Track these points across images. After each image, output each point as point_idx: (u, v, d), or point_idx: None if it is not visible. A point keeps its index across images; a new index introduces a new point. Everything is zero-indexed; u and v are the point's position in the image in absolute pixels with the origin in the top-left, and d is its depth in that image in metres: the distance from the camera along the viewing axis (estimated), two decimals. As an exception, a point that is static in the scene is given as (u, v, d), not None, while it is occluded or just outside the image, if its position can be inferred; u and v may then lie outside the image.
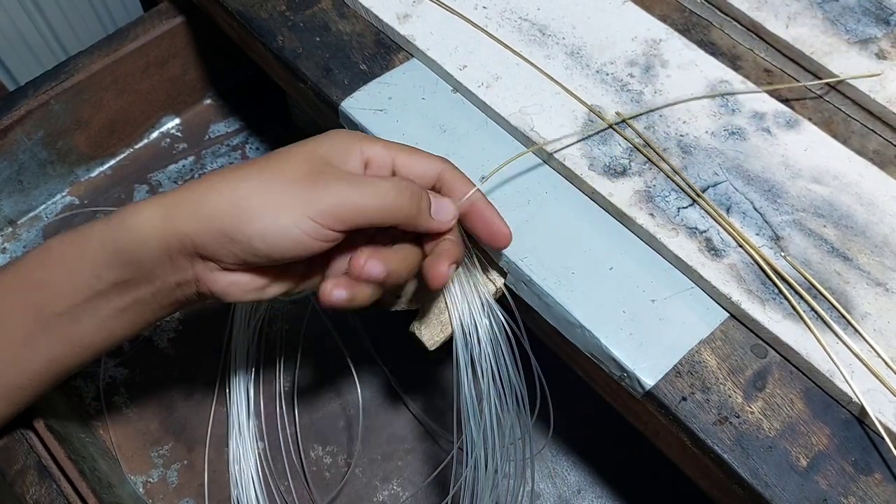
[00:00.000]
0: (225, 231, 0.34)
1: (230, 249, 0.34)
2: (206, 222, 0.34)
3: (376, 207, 0.35)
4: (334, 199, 0.34)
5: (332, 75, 0.48)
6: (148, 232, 0.35)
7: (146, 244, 0.35)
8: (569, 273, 0.40)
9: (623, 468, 0.57)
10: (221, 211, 0.34)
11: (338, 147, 0.37)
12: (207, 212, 0.34)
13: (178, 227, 0.34)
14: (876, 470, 0.35)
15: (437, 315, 0.41)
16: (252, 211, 0.34)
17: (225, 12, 0.52)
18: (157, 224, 0.35)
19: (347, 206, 0.34)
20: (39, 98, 0.60)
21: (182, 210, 0.35)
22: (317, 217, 0.34)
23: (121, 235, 0.35)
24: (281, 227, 0.34)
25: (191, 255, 0.35)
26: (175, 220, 0.34)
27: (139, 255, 0.35)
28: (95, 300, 0.36)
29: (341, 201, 0.34)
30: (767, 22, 0.49)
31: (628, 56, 0.48)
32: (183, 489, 0.55)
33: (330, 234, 0.35)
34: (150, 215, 0.35)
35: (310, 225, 0.34)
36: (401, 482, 0.56)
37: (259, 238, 0.34)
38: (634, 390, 0.38)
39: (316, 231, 0.34)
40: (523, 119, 0.45)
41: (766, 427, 0.36)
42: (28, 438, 0.43)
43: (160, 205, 0.35)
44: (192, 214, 0.34)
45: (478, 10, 0.50)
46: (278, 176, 0.35)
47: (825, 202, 0.42)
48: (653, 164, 0.43)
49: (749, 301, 0.38)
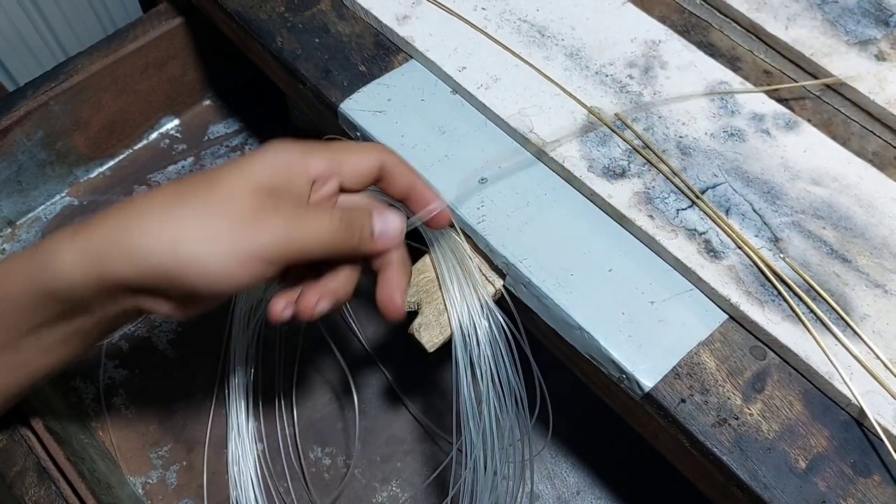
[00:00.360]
0: (165, 276, 0.32)
1: (167, 286, 0.33)
2: (143, 267, 0.32)
3: (320, 244, 0.34)
4: (279, 239, 0.33)
5: (331, 77, 0.48)
6: (77, 277, 0.33)
7: (79, 287, 0.33)
8: (568, 275, 0.40)
9: (622, 470, 0.57)
10: (159, 255, 0.32)
11: (281, 172, 0.35)
12: (143, 256, 0.32)
13: (112, 272, 0.32)
14: (875, 472, 0.35)
15: (437, 316, 0.41)
16: (193, 257, 0.32)
17: (224, 13, 0.52)
18: (87, 269, 0.32)
19: (290, 245, 0.33)
20: (39, 99, 0.60)
21: (112, 253, 0.32)
22: (261, 257, 0.33)
23: (46, 278, 0.33)
24: (224, 270, 0.32)
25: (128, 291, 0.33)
26: (106, 266, 0.32)
27: (72, 295, 0.33)
28: (35, 333, 0.35)
29: (284, 241, 0.33)
30: (767, 23, 0.49)
31: (627, 57, 0.48)
32: (182, 490, 0.55)
33: (273, 269, 0.34)
34: (75, 260, 0.33)
35: (254, 265, 0.33)
36: (400, 483, 0.56)
37: (203, 284, 0.32)
38: (633, 392, 0.38)
39: (260, 270, 0.33)
40: (522, 120, 0.45)
41: (765, 429, 0.36)
42: (27, 440, 0.43)
43: (84, 246, 0.33)
44: (126, 260, 0.32)
45: (477, 12, 0.50)
46: (220, 212, 0.33)
47: (824, 204, 0.42)
48: (652, 166, 0.43)
49: (748, 303, 0.38)
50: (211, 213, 0.33)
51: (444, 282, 0.42)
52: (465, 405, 0.41)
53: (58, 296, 0.33)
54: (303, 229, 0.34)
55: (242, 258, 0.32)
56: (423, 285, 0.42)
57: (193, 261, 0.32)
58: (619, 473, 0.57)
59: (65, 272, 0.33)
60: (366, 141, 0.46)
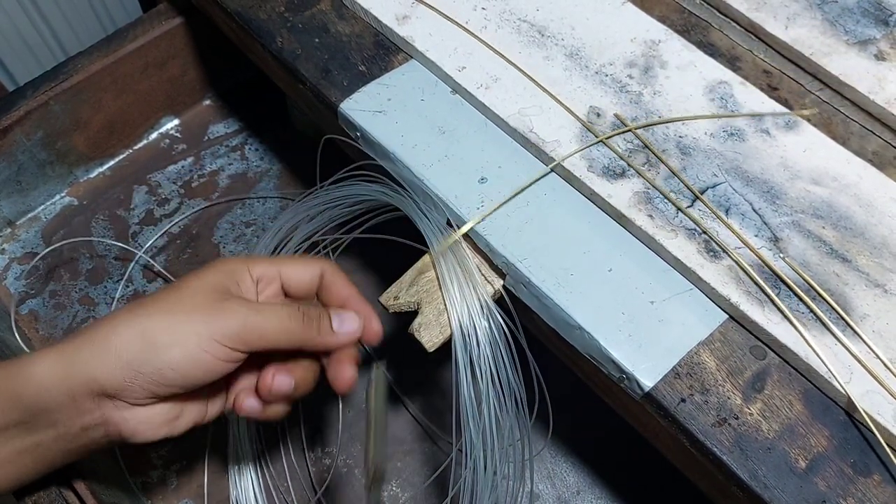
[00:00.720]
0: (133, 364, 0.35)
1: (139, 383, 0.35)
2: (112, 359, 0.35)
3: (277, 330, 0.37)
4: (237, 322, 0.36)
5: (331, 76, 0.48)
6: (48, 380, 0.35)
7: (47, 391, 0.35)
8: (568, 274, 0.40)
9: (622, 469, 0.57)
10: (128, 344, 0.35)
11: (228, 275, 0.39)
12: (114, 348, 0.35)
13: (82, 370, 0.35)
14: (875, 471, 0.36)
15: (437, 316, 0.41)
16: (160, 342, 0.35)
17: (224, 13, 0.52)
18: (59, 371, 0.35)
19: (250, 328, 0.36)
20: (38, 98, 0.60)
21: (85, 353, 0.35)
22: (223, 340, 0.36)
23: (18, 382, 0.35)
24: (190, 354, 0.35)
25: (97, 396, 0.35)
26: (77, 365, 0.35)
27: (39, 400, 0.35)
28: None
29: (244, 324, 0.36)
30: (766, 23, 0.49)
31: (627, 57, 0.48)
32: (182, 490, 0.55)
33: (236, 354, 0.37)
34: (51, 365, 0.35)
35: (217, 348, 0.36)
36: (400, 483, 0.56)
37: (169, 367, 0.35)
38: (633, 392, 0.38)
39: (223, 353, 0.36)
40: (522, 120, 0.45)
41: (764, 428, 0.36)
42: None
43: (60, 353, 0.35)
44: (98, 354, 0.35)
45: (477, 12, 0.50)
46: (181, 308, 0.36)
47: (824, 203, 0.42)
48: (651, 166, 0.43)
49: (748, 302, 0.38)
50: (175, 310, 0.36)
51: (443, 282, 0.42)
52: (465, 405, 0.41)
53: (24, 400, 0.35)
54: (259, 315, 0.37)
55: (204, 343, 0.35)
56: (423, 285, 0.42)
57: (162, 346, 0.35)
58: (619, 473, 0.57)
59: (37, 375, 0.35)
60: (366, 141, 0.46)
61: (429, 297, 0.42)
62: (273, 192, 0.68)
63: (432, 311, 0.42)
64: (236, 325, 0.36)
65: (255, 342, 0.37)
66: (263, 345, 0.37)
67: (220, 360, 0.36)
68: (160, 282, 0.63)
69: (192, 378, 0.36)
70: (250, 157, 0.71)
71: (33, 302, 0.62)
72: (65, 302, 0.62)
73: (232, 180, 0.69)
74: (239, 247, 0.65)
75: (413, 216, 0.44)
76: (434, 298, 0.42)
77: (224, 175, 0.69)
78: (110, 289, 0.63)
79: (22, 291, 0.62)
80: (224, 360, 0.36)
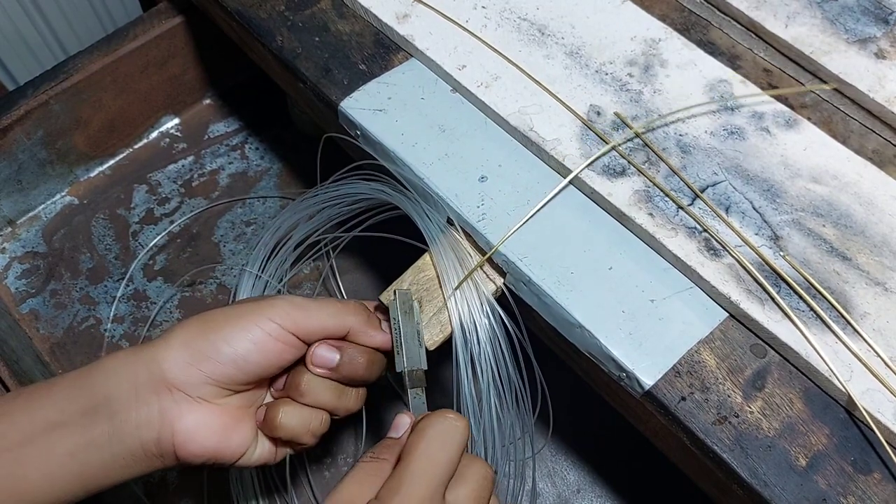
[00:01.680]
0: (192, 344, 0.37)
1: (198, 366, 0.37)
2: (175, 344, 0.37)
3: (327, 313, 0.40)
4: (288, 304, 0.39)
5: (331, 75, 0.48)
6: (116, 364, 0.37)
7: (113, 373, 0.37)
8: (568, 273, 0.40)
9: (622, 468, 0.57)
10: (190, 329, 0.37)
11: None
12: (178, 335, 0.37)
13: (146, 356, 0.37)
14: (875, 469, 0.36)
15: (437, 314, 0.42)
16: (216, 321, 0.38)
17: (224, 12, 0.52)
18: (127, 360, 0.37)
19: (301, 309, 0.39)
20: (39, 98, 0.60)
21: (152, 344, 0.38)
22: (275, 317, 0.38)
23: (91, 370, 0.37)
24: (245, 330, 0.37)
25: (157, 386, 0.36)
26: (143, 352, 0.37)
27: (103, 387, 0.36)
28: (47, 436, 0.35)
29: (294, 305, 0.39)
30: (766, 21, 0.49)
31: (627, 56, 0.48)
32: (183, 489, 0.55)
33: (289, 336, 0.38)
34: (122, 356, 0.37)
35: (270, 325, 0.38)
36: (400, 482, 0.56)
37: (224, 341, 0.37)
38: (634, 390, 0.38)
39: (276, 332, 0.38)
40: (522, 119, 0.45)
41: (765, 427, 0.36)
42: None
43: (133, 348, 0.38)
44: (163, 343, 0.37)
45: (477, 10, 0.50)
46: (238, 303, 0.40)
47: (824, 202, 0.42)
48: (651, 164, 0.43)
49: (748, 301, 0.39)
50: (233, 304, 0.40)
51: (444, 280, 0.42)
52: (466, 403, 0.41)
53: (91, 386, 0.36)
54: (310, 302, 0.40)
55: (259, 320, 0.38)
56: (424, 283, 0.42)
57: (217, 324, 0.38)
58: (619, 472, 0.57)
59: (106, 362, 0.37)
60: (366, 140, 0.46)
61: (429, 296, 0.42)
62: (273, 190, 0.68)
63: (432, 309, 0.42)
64: (287, 305, 0.38)
65: (305, 323, 0.39)
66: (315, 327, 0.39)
67: (274, 338, 0.38)
68: (160, 281, 0.63)
69: (249, 359, 0.37)
70: (250, 156, 0.71)
71: (34, 301, 0.62)
72: (65, 301, 0.62)
73: (232, 179, 0.69)
74: (239, 246, 0.65)
75: (413, 214, 0.44)
76: (434, 297, 0.42)
77: (224, 174, 0.69)
78: (111, 288, 0.63)
79: (22, 290, 0.62)
80: (278, 339, 0.38)
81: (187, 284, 0.63)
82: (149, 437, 0.36)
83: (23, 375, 0.51)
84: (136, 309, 0.62)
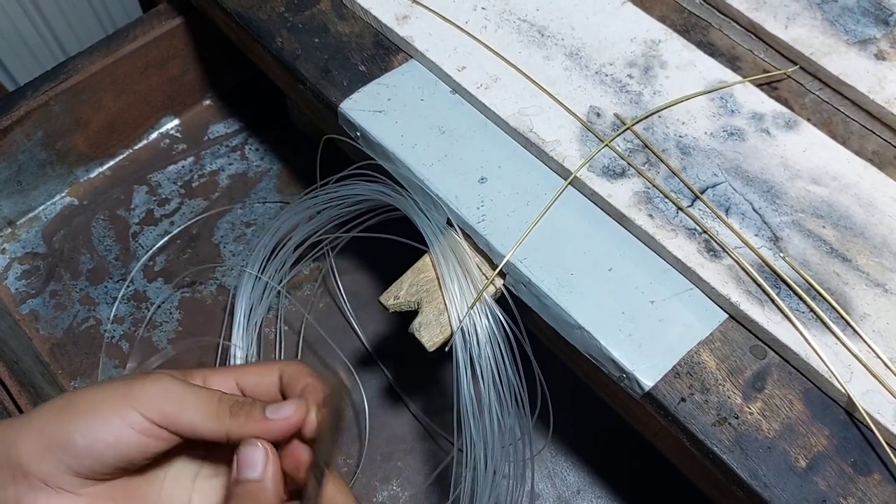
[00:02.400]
0: (46, 431, 0.32)
1: (53, 455, 0.32)
2: (31, 428, 0.32)
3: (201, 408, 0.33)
4: (161, 391, 0.33)
5: (330, 76, 0.48)
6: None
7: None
8: (568, 274, 0.40)
9: (622, 469, 0.57)
10: (48, 413, 0.33)
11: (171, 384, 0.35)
12: (35, 418, 0.33)
13: (4, 433, 0.33)
14: (875, 471, 0.36)
15: (437, 316, 0.42)
16: (77, 406, 0.33)
17: (224, 13, 0.52)
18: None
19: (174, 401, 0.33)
20: (38, 99, 0.60)
21: (13, 419, 0.33)
22: (140, 407, 0.32)
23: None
24: (103, 419, 0.32)
25: (14, 471, 0.32)
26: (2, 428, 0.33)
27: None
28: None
29: (167, 396, 0.33)
30: (766, 22, 0.49)
31: (627, 57, 0.48)
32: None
33: (155, 429, 0.33)
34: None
35: (133, 417, 0.32)
36: (400, 482, 0.56)
37: (79, 431, 0.32)
38: (633, 391, 0.38)
39: (140, 425, 0.32)
40: (522, 120, 0.45)
41: (765, 428, 0.36)
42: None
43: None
44: (19, 425, 0.33)
45: (477, 11, 0.50)
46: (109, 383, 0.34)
47: (824, 203, 0.42)
48: (651, 165, 0.43)
49: (748, 302, 0.39)
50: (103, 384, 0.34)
51: (444, 281, 0.42)
52: (466, 404, 0.41)
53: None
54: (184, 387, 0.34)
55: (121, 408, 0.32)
56: (423, 285, 0.42)
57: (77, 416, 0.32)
58: (619, 472, 0.57)
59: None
60: (366, 141, 0.46)
61: (429, 297, 0.42)
62: (273, 191, 0.68)
63: (432, 311, 0.42)
64: (158, 392, 0.33)
65: (173, 417, 0.33)
66: (186, 424, 0.33)
67: (137, 431, 0.32)
68: (160, 281, 0.63)
69: (106, 451, 0.32)
70: (250, 156, 0.71)
71: (34, 302, 0.62)
72: (65, 302, 0.62)
73: (232, 180, 0.69)
74: (239, 246, 0.65)
75: (413, 216, 0.44)
76: (434, 298, 0.42)
77: (224, 175, 0.69)
78: (111, 289, 0.63)
79: (22, 291, 0.62)
80: (141, 432, 0.32)
81: (187, 284, 0.63)
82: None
83: (22, 376, 0.51)
84: (136, 310, 0.62)
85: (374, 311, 0.62)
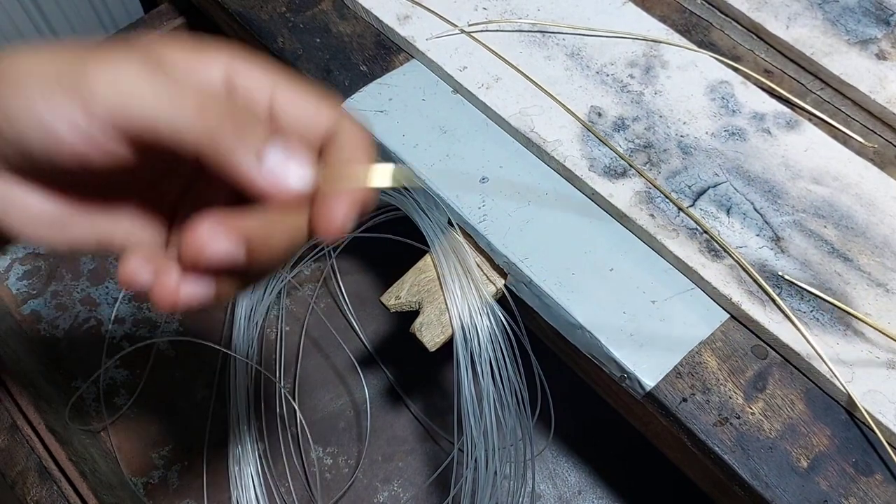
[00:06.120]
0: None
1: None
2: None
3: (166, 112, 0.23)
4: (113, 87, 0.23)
5: (332, 76, 0.48)
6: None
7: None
8: (569, 274, 0.40)
9: (623, 469, 0.57)
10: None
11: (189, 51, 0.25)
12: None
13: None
14: (876, 471, 0.35)
15: (438, 316, 0.41)
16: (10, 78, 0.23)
17: (225, 14, 0.52)
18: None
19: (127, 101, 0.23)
20: (40, 99, 0.59)
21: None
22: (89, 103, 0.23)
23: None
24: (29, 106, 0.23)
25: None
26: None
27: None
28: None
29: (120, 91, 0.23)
30: (767, 23, 0.49)
31: (628, 57, 0.48)
32: (183, 490, 0.55)
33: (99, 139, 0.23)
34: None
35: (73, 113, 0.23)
36: (401, 483, 0.56)
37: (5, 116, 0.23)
38: (635, 391, 0.38)
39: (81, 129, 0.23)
40: (523, 120, 0.45)
41: (766, 428, 0.36)
42: (29, 440, 0.43)
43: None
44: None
45: (478, 12, 0.50)
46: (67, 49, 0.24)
47: (825, 203, 0.42)
48: (653, 165, 0.43)
49: (749, 302, 0.38)
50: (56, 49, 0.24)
51: (445, 281, 0.42)
52: (467, 405, 0.41)
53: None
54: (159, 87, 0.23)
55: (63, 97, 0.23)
56: (425, 285, 0.42)
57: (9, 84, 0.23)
58: (620, 473, 0.57)
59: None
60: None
61: (430, 297, 0.42)
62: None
63: (433, 311, 0.42)
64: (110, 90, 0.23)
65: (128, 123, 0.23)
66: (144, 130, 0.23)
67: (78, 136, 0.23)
68: (161, 282, 0.63)
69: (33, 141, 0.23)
70: (251, 157, 0.71)
71: (35, 302, 0.62)
72: (66, 302, 0.62)
73: (233, 180, 0.69)
74: (240, 247, 0.65)
75: (414, 215, 0.44)
76: (435, 298, 0.42)
77: (225, 175, 0.69)
78: (112, 289, 0.63)
79: (24, 292, 0.62)
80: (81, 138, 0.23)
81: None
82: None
83: (24, 377, 0.51)
84: (137, 310, 0.62)
85: (376, 312, 0.62)
